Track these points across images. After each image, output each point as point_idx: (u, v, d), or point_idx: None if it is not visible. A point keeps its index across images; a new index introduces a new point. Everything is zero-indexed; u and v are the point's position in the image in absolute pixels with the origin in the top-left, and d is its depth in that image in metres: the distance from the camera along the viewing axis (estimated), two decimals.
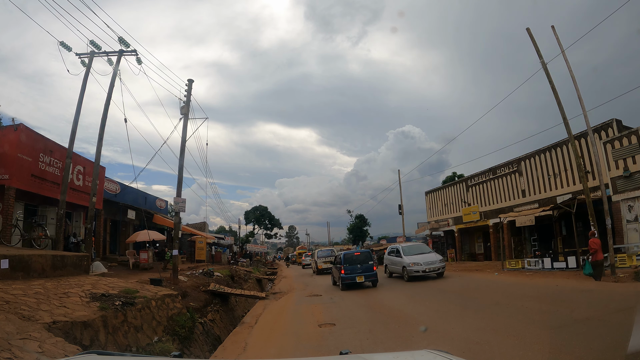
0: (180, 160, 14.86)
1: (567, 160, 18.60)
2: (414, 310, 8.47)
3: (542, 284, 10.92)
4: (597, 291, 8.88)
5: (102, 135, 14.32)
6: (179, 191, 14.70)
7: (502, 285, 11.60)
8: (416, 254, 15.63)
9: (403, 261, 15.48)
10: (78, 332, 6.17)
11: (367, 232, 64.26)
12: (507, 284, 11.65)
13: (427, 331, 6.24)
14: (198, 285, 14.32)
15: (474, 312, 7.55)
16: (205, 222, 41.24)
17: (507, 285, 11.51)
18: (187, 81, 16.19)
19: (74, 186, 16.29)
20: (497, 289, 10.59)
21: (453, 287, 11.96)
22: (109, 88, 14.01)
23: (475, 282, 13.15)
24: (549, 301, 8.17)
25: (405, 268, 15.04)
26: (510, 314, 7.02)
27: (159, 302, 9.68)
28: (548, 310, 7.08)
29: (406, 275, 14.99)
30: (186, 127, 15.24)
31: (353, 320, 7.82)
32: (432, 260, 14.96)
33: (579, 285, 10.13)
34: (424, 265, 14.59)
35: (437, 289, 11.42)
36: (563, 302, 8.03)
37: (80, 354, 1.98)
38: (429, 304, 9.16)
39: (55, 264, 10.10)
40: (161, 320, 9.26)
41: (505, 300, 8.49)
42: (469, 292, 10.55)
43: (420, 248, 16.96)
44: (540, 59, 13.80)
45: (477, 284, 12.36)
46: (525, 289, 10.26)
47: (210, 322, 12.29)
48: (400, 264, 15.79)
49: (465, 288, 11.45)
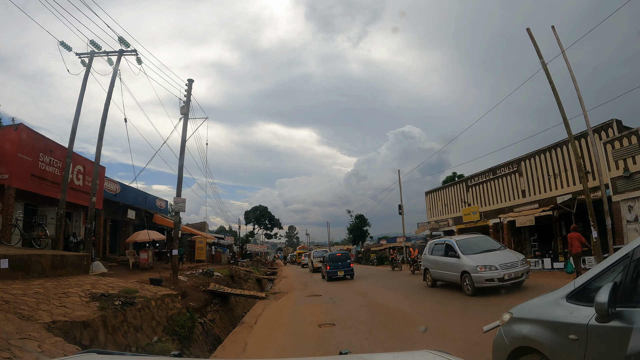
0: (180, 160, 14.86)
1: (567, 161, 18.59)
2: (413, 310, 8.47)
3: (543, 284, 10.89)
4: None
5: (102, 134, 14.34)
6: (179, 191, 14.71)
7: None
8: (482, 251, 10.72)
9: (462, 263, 10.49)
10: (77, 332, 6.18)
11: (367, 232, 64.28)
12: None
13: (428, 332, 6.24)
14: (198, 285, 14.33)
15: (475, 315, 7.55)
16: (205, 222, 41.24)
17: None
18: (187, 81, 16.22)
19: (74, 186, 16.31)
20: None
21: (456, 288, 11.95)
22: (109, 87, 14.03)
23: None
24: None
25: (469, 275, 10.01)
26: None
27: (159, 302, 9.68)
28: None
29: (469, 285, 9.98)
30: (186, 127, 15.26)
31: (353, 320, 7.82)
32: (511, 261, 10.03)
33: None
34: (501, 269, 9.63)
35: (441, 291, 11.37)
36: None
37: (80, 353, 1.96)
38: (428, 303, 9.16)
39: (55, 263, 10.11)
40: (161, 320, 9.26)
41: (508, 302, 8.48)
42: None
43: (484, 242, 11.62)
44: (541, 59, 13.80)
45: None
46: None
47: (210, 322, 12.29)
48: (456, 268, 10.77)
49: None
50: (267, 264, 49.16)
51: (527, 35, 14.09)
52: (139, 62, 14.15)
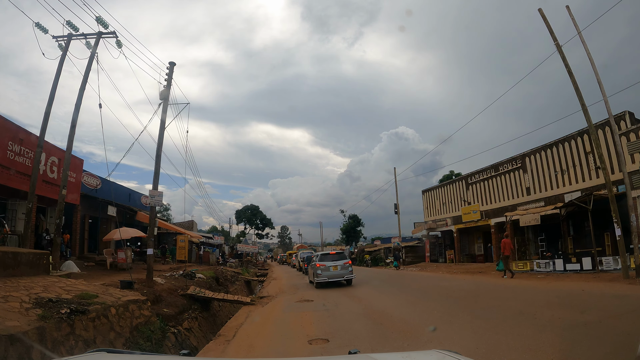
0: (158, 148, 13.51)
1: (576, 156, 17.45)
2: (420, 322, 7.15)
3: (564, 289, 9.66)
4: (634, 296, 7.63)
5: (76, 121, 13.36)
6: (156, 183, 13.27)
7: (517, 290, 10.27)
8: None
9: None
10: (1, 348, 4.79)
11: (361, 232, 63.16)
12: (522, 289, 10.33)
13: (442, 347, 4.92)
14: (176, 289, 12.95)
15: (495, 325, 6.23)
16: (194, 220, 39.70)
17: (522, 290, 10.19)
18: (168, 64, 14.99)
19: (47, 179, 15.07)
20: (514, 295, 9.28)
21: (462, 292, 10.67)
22: (86, 70, 13.05)
23: (484, 286, 11.85)
24: (584, 310, 6.88)
25: None
26: (543, 326, 5.72)
27: (121, 309, 8.28)
28: (592, 322, 5.77)
29: None
30: (166, 111, 13.99)
31: (350, 334, 6.47)
32: None
33: (608, 289, 8.87)
34: None
35: (445, 295, 10.08)
36: (602, 310, 6.74)
37: (89, 352, 1.94)
38: (438, 313, 7.84)
39: (5, 262, 8.66)
40: (122, 331, 7.86)
41: (530, 309, 7.19)
42: (482, 298, 9.22)
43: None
44: (555, 41, 12.60)
45: (487, 289, 11.07)
46: (546, 294, 9.00)
47: (186, 331, 10.86)
48: None
49: (475, 293, 10.15)
50: (258, 265, 47.65)
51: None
52: (118, 46, 13.12)
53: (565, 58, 12.25)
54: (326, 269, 14.88)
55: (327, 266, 14.92)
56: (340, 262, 15.07)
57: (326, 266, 14.94)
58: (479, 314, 7.31)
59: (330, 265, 14.89)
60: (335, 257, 15.54)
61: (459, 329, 6.22)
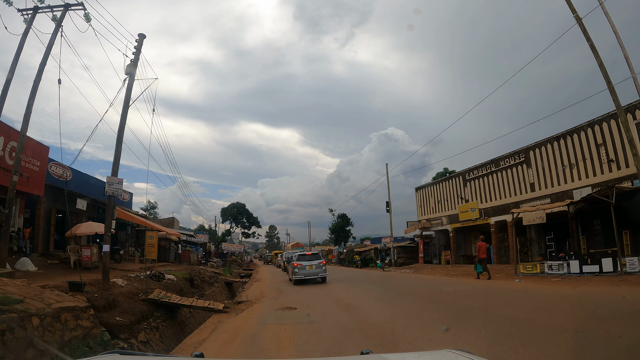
0: (121, 127, 11.62)
1: (586, 148, 16.06)
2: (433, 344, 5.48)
3: (597, 296, 8.10)
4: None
5: (33, 101, 12.20)
6: (115, 169, 11.39)
7: (542, 297, 8.63)
8: None
9: None
10: None
11: (350, 232, 61.66)
12: (548, 296, 8.71)
13: None
14: (137, 292, 11.13)
15: (537, 348, 4.59)
16: (174, 217, 37.50)
17: (548, 297, 8.56)
18: (138, 36, 13.19)
19: (6, 166, 13.15)
20: (543, 305, 7.65)
21: (476, 300, 9.02)
22: (48, 45, 11.61)
23: (498, 292, 10.19)
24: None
25: None
26: (606, 349, 4.12)
27: (48, 319, 6.51)
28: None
29: None
30: (131, 87, 12.26)
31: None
32: None
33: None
34: None
35: (459, 306, 8.38)
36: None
37: (102, 354, 1.91)
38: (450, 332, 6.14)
39: None
40: (46, 349, 6.04)
41: (571, 324, 5.59)
42: (503, 308, 7.55)
43: None
44: (574, 12, 11.12)
45: (504, 296, 9.41)
46: (582, 303, 7.43)
47: (142, 345, 9.03)
48: None
49: (491, 302, 8.49)
50: (243, 265, 45.66)
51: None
52: (87, 20, 12.07)
53: (587, 30, 10.76)
54: (303, 268, 16.43)
55: (304, 265, 16.50)
56: (316, 261, 16.71)
57: (303, 265, 16.51)
58: (506, 329, 5.66)
59: (307, 265, 16.51)
60: (311, 257, 17.40)
61: (478, 351, 4.58)
